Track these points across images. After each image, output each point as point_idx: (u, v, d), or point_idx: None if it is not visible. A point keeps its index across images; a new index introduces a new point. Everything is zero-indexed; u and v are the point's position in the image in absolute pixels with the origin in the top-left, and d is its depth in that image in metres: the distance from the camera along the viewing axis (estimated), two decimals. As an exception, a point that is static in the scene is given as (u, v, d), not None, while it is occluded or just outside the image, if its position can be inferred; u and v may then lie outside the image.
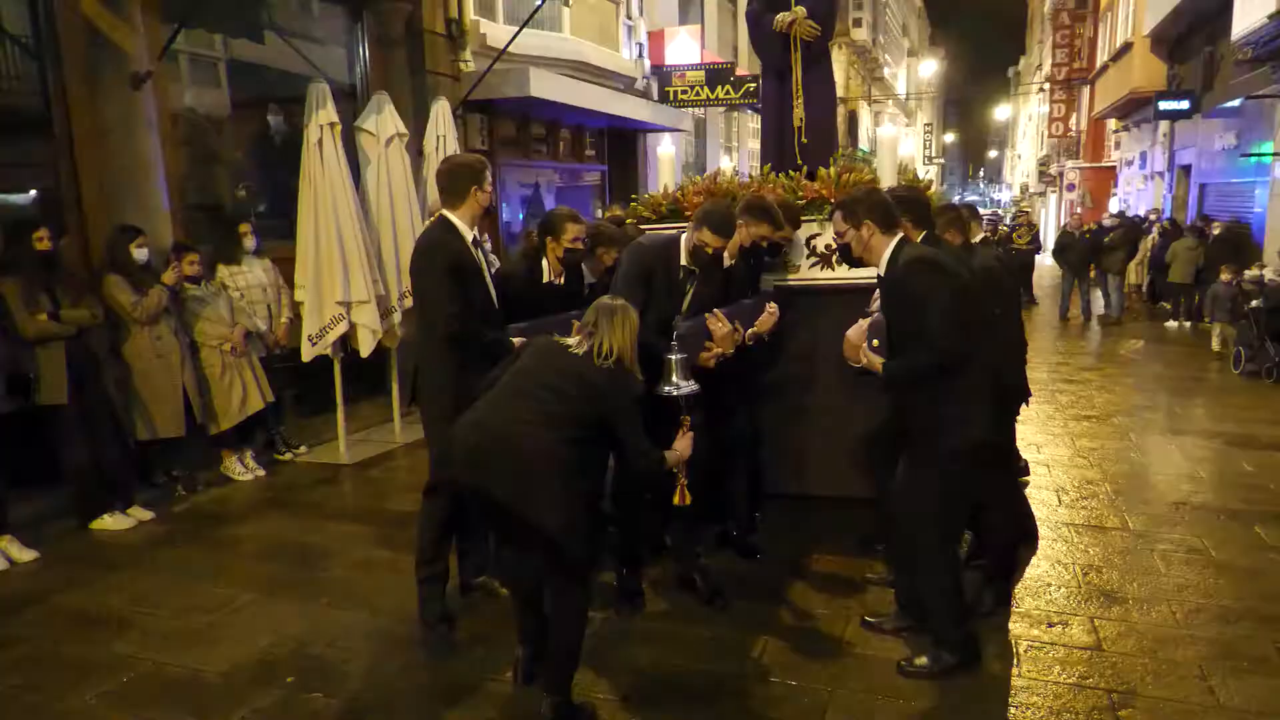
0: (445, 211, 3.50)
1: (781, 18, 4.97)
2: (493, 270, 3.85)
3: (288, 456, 6.17)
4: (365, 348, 6.20)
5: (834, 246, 4.26)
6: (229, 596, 3.97)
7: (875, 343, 3.19)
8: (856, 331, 3.28)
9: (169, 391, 5.22)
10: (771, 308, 3.95)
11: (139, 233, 5.20)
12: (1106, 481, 5.41)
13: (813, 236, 4.49)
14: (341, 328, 6.00)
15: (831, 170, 4.44)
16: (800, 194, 4.42)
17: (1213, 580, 3.95)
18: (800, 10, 4.94)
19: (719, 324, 3.51)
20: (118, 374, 5.07)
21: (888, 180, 4.49)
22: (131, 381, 5.13)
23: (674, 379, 3.21)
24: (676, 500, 3.22)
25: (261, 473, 5.82)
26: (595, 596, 3.28)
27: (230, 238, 5.95)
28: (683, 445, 3.08)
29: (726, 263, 3.75)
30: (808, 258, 4.52)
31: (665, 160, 5.13)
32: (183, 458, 5.51)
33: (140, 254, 5.15)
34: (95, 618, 3.80)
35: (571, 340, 2.92)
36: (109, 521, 4.84)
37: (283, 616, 3.77)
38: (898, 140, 4.91)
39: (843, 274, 4.31)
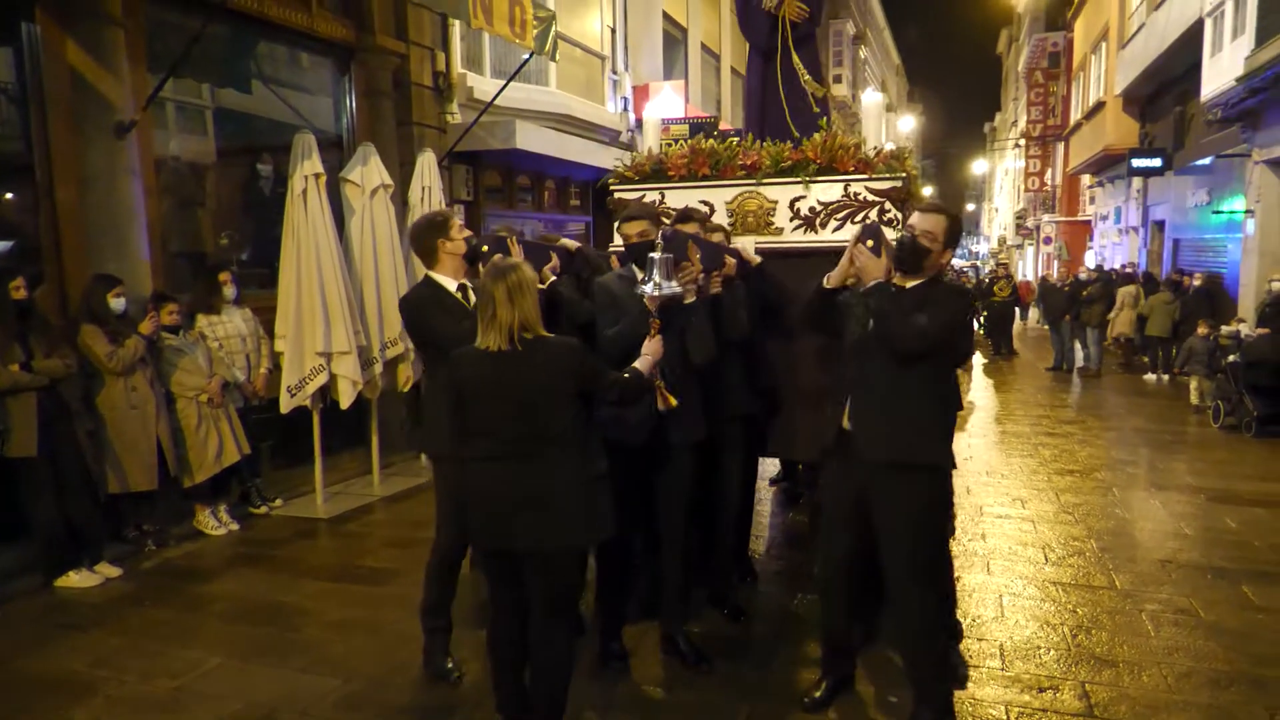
0: (428, 272, 3.56)
1: None
2: None
3: (263, 510, 6.03)
4: (345, 399, 6.12)
5: (823, 208, 4.33)
6: (197, 660, 3.83)
7: (870, 242, 3.06)
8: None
9: (143, 443, 5.11)
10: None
11: (117, 282, 5.13)
12: (1092, 538, 5.38)
13: (797, 199, 4.43)
14: (321, 379, 5.94)
15: (817, 137, 4.46)
16: (786, 157, 4.43)
17: (1203, 642, 3.90)
18: None
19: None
20: (90, 425, 4.96)
21: (874, 142, 4.51)
22: (104, 433, 5.02)
23: (655, 278, 3.15)
24: (660, 406, 3.18)
25: (235, 527, 5.68)
26: (577, 661, 3.19)
27: (211, 287, 5.89)
28: (653, 347, 3.01)
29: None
30: (791, 220, 4.45)
31: (650, 124, 5.10)
32: (154, 511, 5.37)
33: (117, 304, 5.08)
34: (56, 682, 3.65)
35: (489, 339, 2.76)
36: (75, 579, 4.69)
37: (253, 681, 3.63)
38: (882, 107, 4.95)
39: (827, 236, 4.29)
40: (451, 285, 3.52)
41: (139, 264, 5.63)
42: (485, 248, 3.51)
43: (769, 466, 6.49)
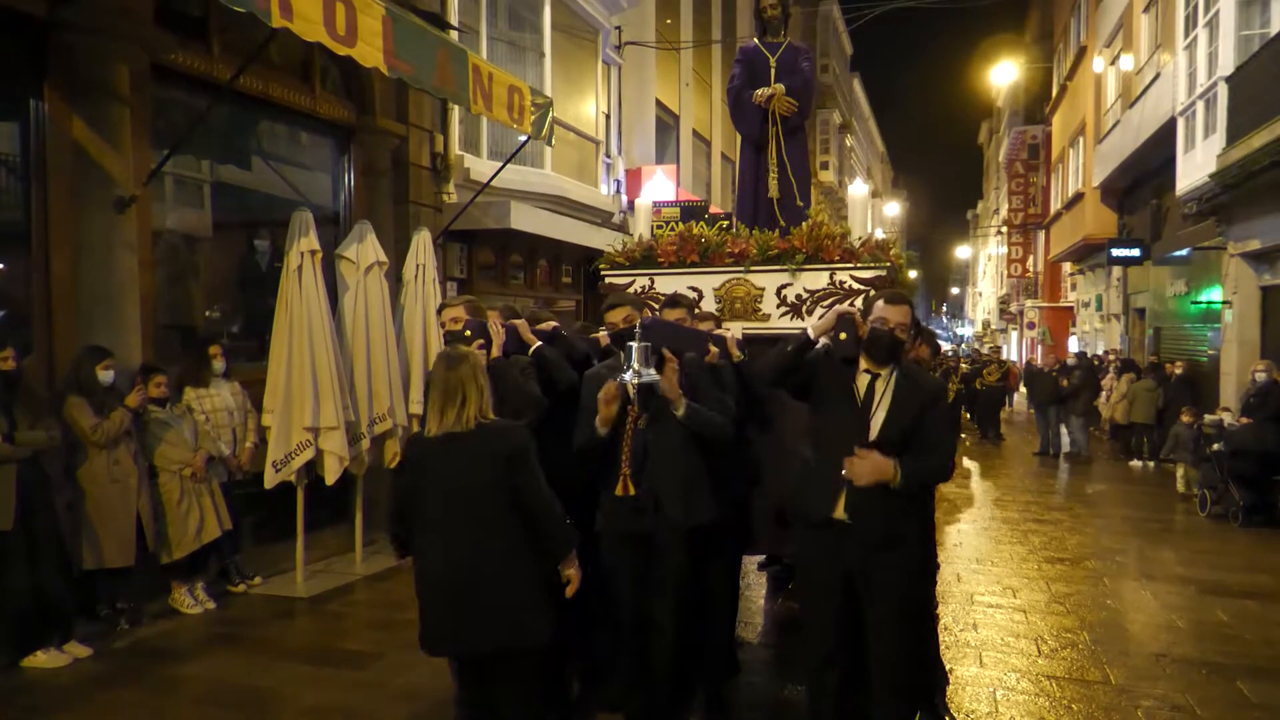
0: None
1: (761, 93, 5.23)
2: None
3: (241, 588, 5.89)
4: (331, 475, 6.06)
5: (809, 295, 4.47)
6: (165, 747, 3.69)
7: (843, 335, 3.11)
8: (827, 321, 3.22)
9: (122, 518, 5.01)
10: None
11: (106, 354, 5.11)
12: (1084, 629, 5.31)
13: (783, 286, 4.52)
14: (308, 454, 5.88)
15: (805, 226, 4.57)
16: (773, 245, 4.53)
17: (1201, 742, 3.82)
18: (779, 87, 5.22)
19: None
20: (70, 498, 4.88)
21: (859, 232, 4.61)
22: (83, 506, 4.93)
23: (635, 366, 3.19)
24: (618, 491, 3.33)
25: (212, 605, 5.54)
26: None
27: (200, 359, 5.88)
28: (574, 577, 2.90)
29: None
30: (778, 307, 4.53)
31: (643, 209, 5.22)
32: (129, 588, 5.24)
33: (106, 376, 5.05)
34: (16, 770, 3.50)
35: (448, 421, 2.74)
36: (42, 658, 4.54)
37: (222, 771, 3.50)
38: (868, 199, 5.10)
39: (813, 323, 4.33)
40: None
41: (130, 336, 5.62)
42: (468, 332, 3.58)
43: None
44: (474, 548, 2.71)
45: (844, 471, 3.04)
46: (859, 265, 4.43)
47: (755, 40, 5.58)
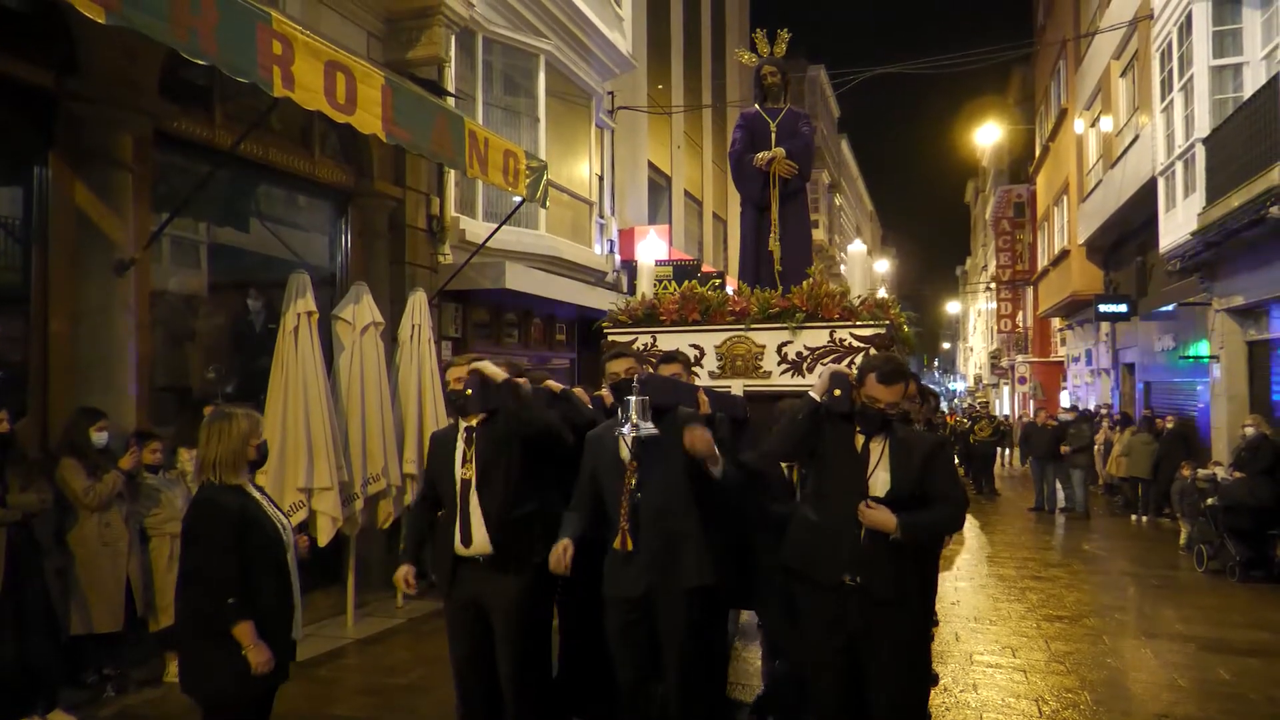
0: None
1: (762, 156, 5.37)
2: None
3: (230, 653, 5.79)
4: (324, 536, 6.01)
5: (809, 353, 4.55)
6: (151, 820, 3.60)
7: (837, 392, 3.18)
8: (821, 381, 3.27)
9: (111, 583, 4.95)
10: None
11: (101, 416, 5.11)
12: (1085, 689, 5.25)
13: (784, 344, 4.58)
14: (300, 515, 5.85)
15: (805, 284, 4.64)
16: (774, 303, 4.59)
17: (1207, 805, 3.77)
18: (779, 150, 5.35)
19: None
20: (59, 562, 4.82)
21: (858, 290, 4.69)
22: (73, 571, 4.87)
23: (633, 419, 3.22)
24: (616, 545, 3.34)
25: (200, 671, 5.43)
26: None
27: (195, 420, 5.87)
28: (257, 658, 3.09)
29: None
30: (779, 364, 4.58)
31: (645, 269, 5.29)
32: (117, 654, 5.15)
33: (100, 437, 5.04)
34: (-4, 846, 3.40)
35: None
36: (26, 728, 4.45)
37: (209, 846, 3.39)
38: (865, 257, 5.18)
39: (814, 381, 4.35)
40: (461, 424, 3.75)
41: (125, 398, 5.62)
42: (469, 391, 3.61)
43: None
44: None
45: (859, 514, 3.11)
46: (858, 323, 4.50)
47: (756, 106, 5.74)
